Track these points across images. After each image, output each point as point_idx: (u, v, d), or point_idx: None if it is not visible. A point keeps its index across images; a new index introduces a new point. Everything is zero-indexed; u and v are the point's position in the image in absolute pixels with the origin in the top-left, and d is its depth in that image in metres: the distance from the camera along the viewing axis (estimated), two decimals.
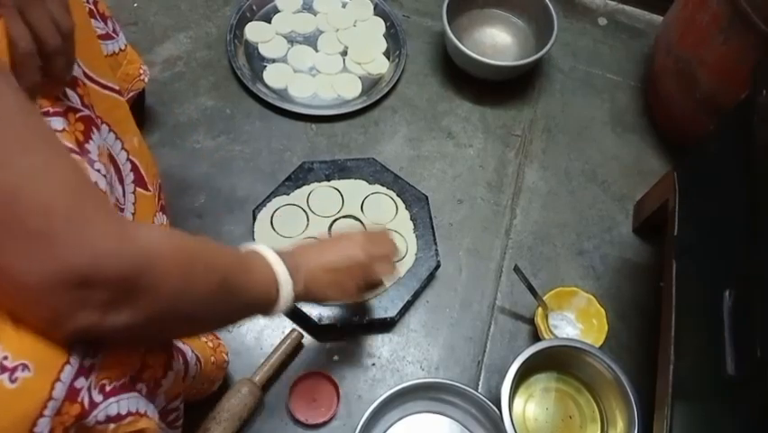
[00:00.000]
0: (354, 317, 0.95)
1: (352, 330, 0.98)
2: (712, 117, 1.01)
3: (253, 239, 1.00)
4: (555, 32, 1.20)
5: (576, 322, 1.01)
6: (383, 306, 0.97)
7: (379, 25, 1.29)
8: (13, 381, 0.41)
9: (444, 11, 1.19)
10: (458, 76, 1.25)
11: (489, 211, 1.13)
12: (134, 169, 0.73)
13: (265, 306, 0.64)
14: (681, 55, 1.08)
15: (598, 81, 1.30)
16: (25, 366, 0.42)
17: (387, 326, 0.99)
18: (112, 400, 0.50)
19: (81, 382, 0.46)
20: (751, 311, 0.64)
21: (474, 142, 1.20)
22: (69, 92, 0.59)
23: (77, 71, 0.61)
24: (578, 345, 0.91)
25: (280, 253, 0.65)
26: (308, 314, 0.95)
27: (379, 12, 1.30)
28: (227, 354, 0.88)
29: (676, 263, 0.89)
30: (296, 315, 0.97)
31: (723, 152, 0.85)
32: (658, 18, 1.36)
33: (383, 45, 1.27)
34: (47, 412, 0.43)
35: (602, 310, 0.99)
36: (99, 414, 0.49)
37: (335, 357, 0.97)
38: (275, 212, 1.02)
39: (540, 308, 0.99)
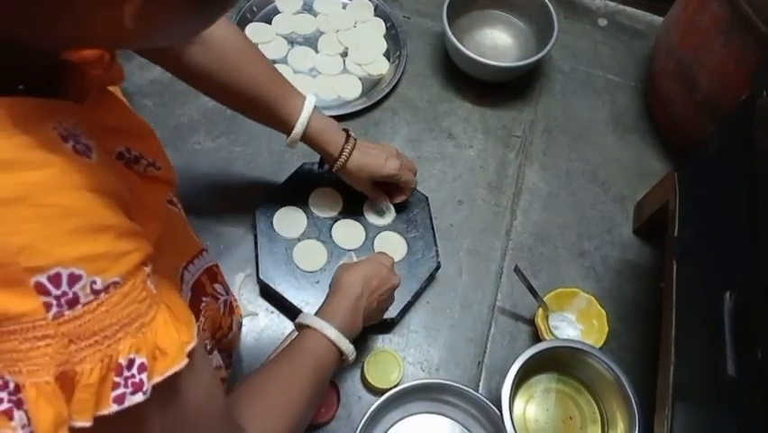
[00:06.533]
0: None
1: None
2: (712, 119, 1.01)
3: (255, 240, 1.00)
4: (556, 33, 1.20)
5: (576, 323, 1.01)
6: None
7: (380, 26, 1.29)
8: None
9: (445, 12, 1.19)
10: (458, 77, 1.25)
11: (489, 212, 1.13)
12: None
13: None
14: (682, 57, 1.09)
15: (598, 82, 1.30)
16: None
17: (387, 326, 1.00)
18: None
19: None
20: (751, 312, 0.65)
21: (474, 143, 1.20)
22: None
23: None
24: (578, 346, 0.91)
25: (335, 319, 0.75)
26: None
27: (379, 13, 1.30)
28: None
29: (676, 265, 0.89)
30: (296, 315, 0.97)
31: (723, 154, 0.85)
32: (658, 19, 1.36)
33: (383, 46, 1.27)
34: None
35: (603, 311, 0.99)
36: None
37: None
38: (275, 213, 1.02)
39: (540, 309, 0.99)
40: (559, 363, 0.95)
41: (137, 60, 1.21)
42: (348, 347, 0.75)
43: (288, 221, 1.02)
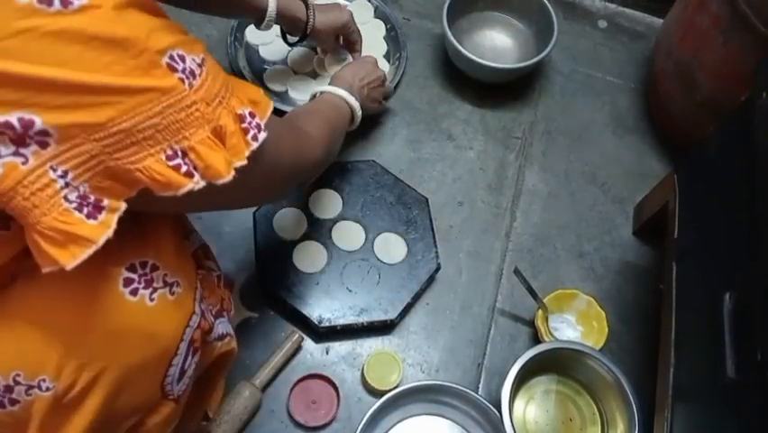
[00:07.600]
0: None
1: (351, 332, 0.98)
2: (712, 119, 1.01)
3: (255, 241, 1.00)
4: (555, 34, 1.20)
5: (576, 324, 1.01)
6: (383, 308, 0.97)
7: (380, 28, 1.29)
8: (172, 294, 0.57)
9: (445, 13, 1.19)
10: (458, 78, 1.25)
11: (489, 213, 1.13)
12: None
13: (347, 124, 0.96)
14: (681, 57, 1.09)
15: (598, 84, 1.30)
16: (178, 283, 0.58)
17: (387, 328, 0.99)
18: (218, 321, 0.69)
19: (203, 305, 0.62)
20: (751, 314, 0.64)
21: (474, 145, 1.20)
22: None
23: None
24: (578, 348, 0.91)
25: (346, 88, 0.95)
26: (308, 316, 0.95)
27: (379, 14, 1.30)
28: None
29: (676, 266, 0.89)
30: (296, 317, 0.97)
31: (723, 155, 0.85)
32: (658, 21, 1.36)
33: (383, 48, 1.27)
34: (191, 323, 0.59)
35: (602, 313, 0.99)
36: (215, 331, 0.67)
37: (335, 359, 0.97)
38: (275, 214, 1.02)
39: (540, 311, 0.99)
40: (559, 364, 0.94)
41: None
42: (355, 103, 0.95)
43: (288, 222, 1.02)
